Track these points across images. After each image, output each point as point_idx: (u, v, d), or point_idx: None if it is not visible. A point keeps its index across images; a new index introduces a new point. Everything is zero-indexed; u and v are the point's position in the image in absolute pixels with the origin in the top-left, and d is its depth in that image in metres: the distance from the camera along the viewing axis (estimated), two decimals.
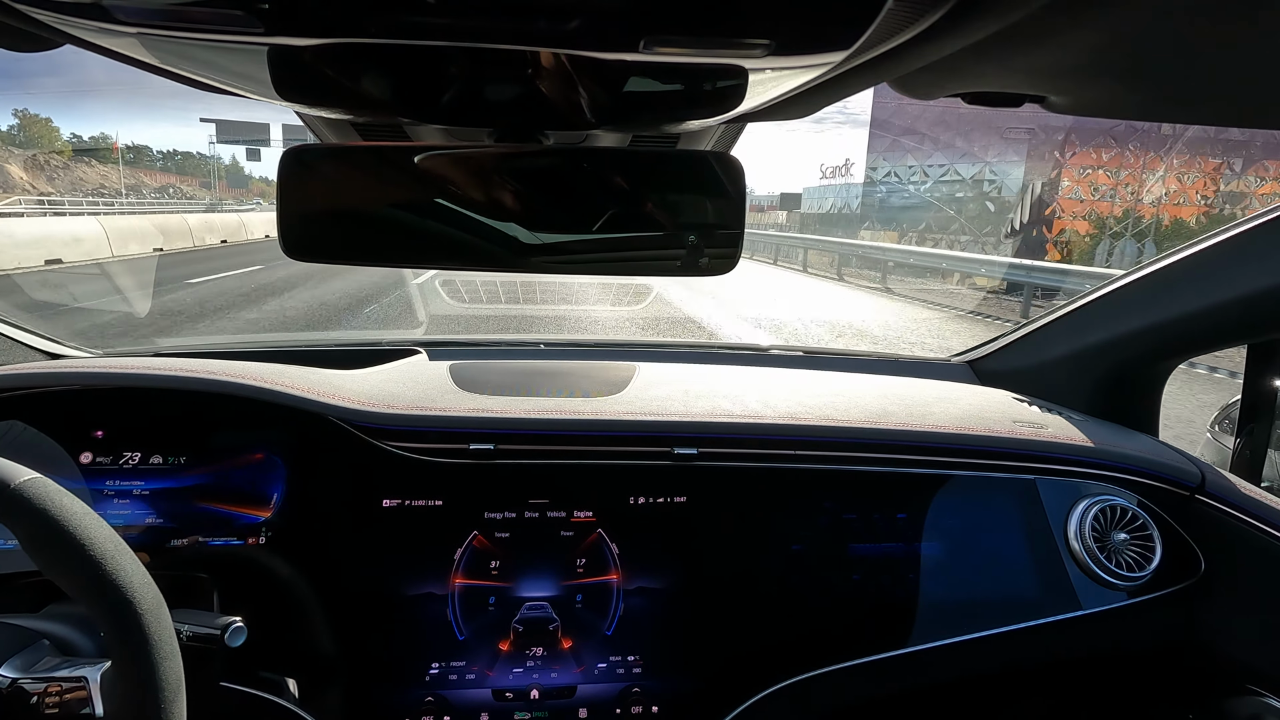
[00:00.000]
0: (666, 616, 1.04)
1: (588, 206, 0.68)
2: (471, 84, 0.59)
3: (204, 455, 1.02)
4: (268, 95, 0.61)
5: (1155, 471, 1.15)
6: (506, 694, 1.00)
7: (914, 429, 1.13)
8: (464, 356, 1.44)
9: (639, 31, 0.43)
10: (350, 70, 0.56)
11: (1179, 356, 1.30)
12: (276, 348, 1.46)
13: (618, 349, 1.60)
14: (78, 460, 0.99)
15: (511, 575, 1.02)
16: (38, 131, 66.70)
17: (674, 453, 1.06)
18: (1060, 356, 1.40)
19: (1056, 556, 1.11)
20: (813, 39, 0.44)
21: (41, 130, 67.15)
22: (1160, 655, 1.17)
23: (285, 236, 0.67)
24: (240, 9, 0.41)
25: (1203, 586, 1.12)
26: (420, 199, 0.67)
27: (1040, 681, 1.21)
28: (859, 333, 8.43)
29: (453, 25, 0.43)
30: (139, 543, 0.96)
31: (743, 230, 0.70)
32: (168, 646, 0.63)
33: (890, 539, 1.10)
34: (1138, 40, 0.46)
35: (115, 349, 1.42)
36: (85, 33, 0.47)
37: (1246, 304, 1.05)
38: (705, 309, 9.02)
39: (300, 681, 0.97)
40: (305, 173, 0.67)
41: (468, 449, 1.03)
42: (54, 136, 66.13)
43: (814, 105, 0.66)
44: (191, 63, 0.54)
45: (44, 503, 0.60)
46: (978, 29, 0.44)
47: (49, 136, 66.09)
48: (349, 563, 1.01)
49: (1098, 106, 0.62)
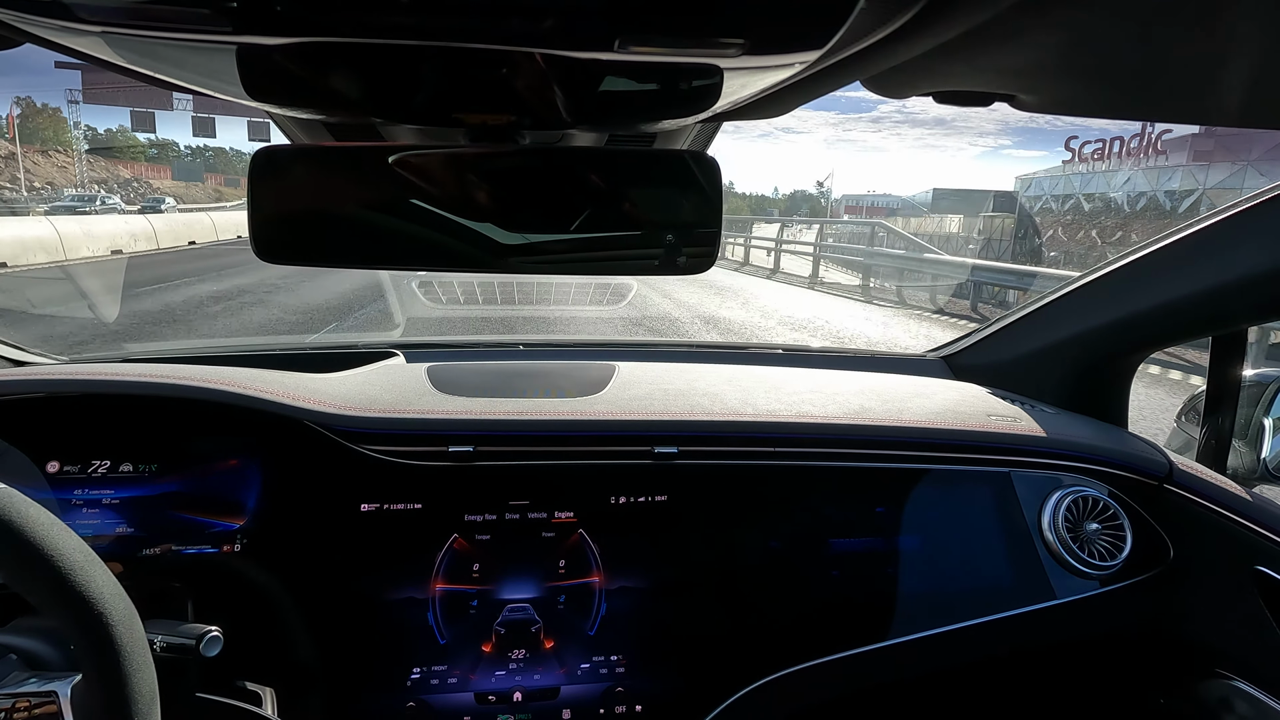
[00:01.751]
0: (649, 615, 1.04)
1: (564, 206, 0.68)
2: (445, 84, 0.58)
3: (176, 462, 1.00)
4: (237, 95, 0.60)
5: (1125, 462, 1.17)
6: (489, 697, 1.00)
7: (891, 424, 1.14)
8: (442, 358, 1.43)
9: (614, 31, 0.43)
10: (321, 70, 0.55)
11: (1146, 350, 1.33)
12: (250, 352, 1.43)
13: (596, 349, 1.60)
14: (44, 469, 0.97)
15: (493, 578, 1.02)
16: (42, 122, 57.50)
17: (654, 452, 1.06)
18: (1032, 351, 1.42)
19: (1031, 547, 1.13)
20: (786, 38, 0.45)
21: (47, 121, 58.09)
22: (1131, 641, 1.20)
23: (257, 238, 0.66)
24: (207, 7, 0.40)
25: (1171, 573, 1.15)
26: (395, 200, 0.66)
27: (1016, 670, 1.24)
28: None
29: (426, 24, 0.43)
30: (109, 553, 0.94)
31: (720, 228, 0.70)
32: (140, 658, 0.61)
33: (869, 534, 1.11)
34: (1103, 39, 0.47)
35: (82, 354, 1.39)
36: (47, 31, 0.46)
37: (1210, 298, 1.08)
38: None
39: (279, 691, 0.96)
40: (277, 173, 0.66)
41: (447, 451, 1.02)
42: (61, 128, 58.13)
43: (789, 104, 0.66)
44: (158, 62, 0.53)
45: (7, 513, 0.59)
46: (947, 29, 0.45)
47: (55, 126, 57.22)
48: (327, 569, 1.00)
49: (1065, 105, 0.64)
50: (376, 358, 1.40)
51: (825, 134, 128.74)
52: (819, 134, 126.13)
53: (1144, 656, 1.22)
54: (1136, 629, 1.17)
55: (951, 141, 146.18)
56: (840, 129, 68.19)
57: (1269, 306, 1.08)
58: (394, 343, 1.51)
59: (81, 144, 47.99)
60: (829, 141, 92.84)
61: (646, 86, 0.60)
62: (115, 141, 55.12)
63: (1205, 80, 0.55)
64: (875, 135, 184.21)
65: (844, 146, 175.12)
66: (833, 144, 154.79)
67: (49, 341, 6.34)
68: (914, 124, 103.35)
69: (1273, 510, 1.07)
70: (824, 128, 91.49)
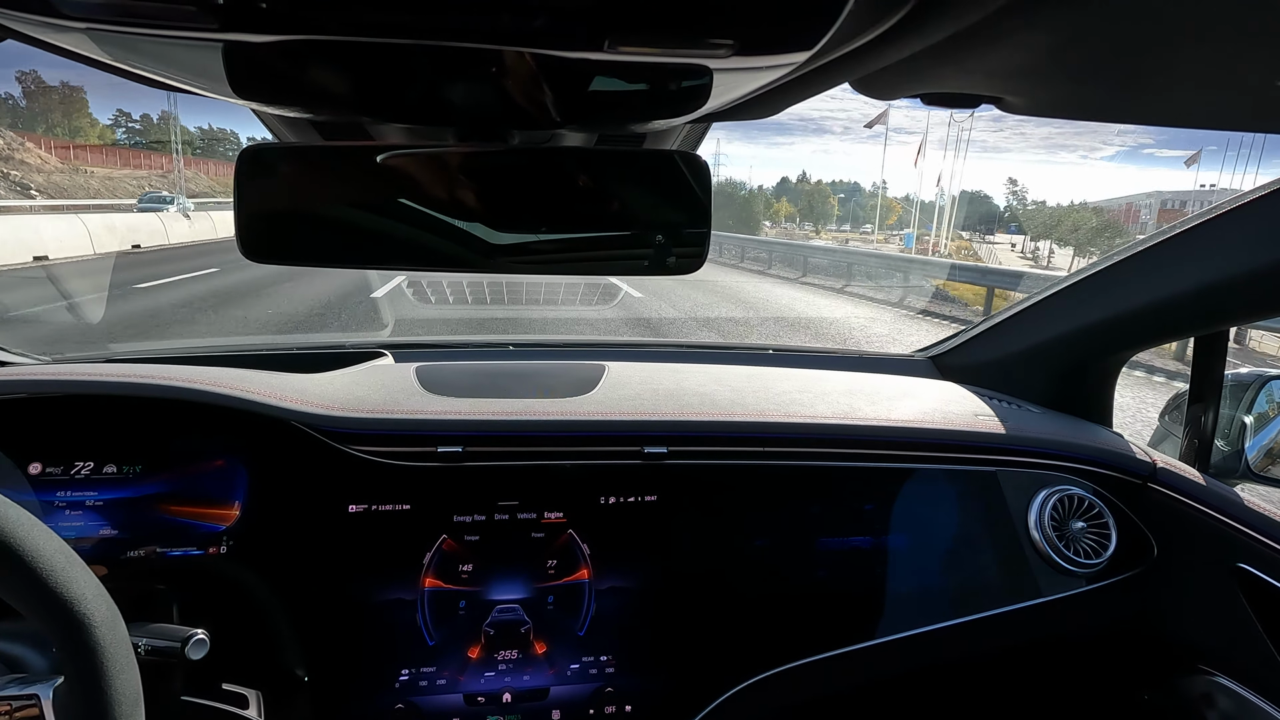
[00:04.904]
0: (638, 615, 1.04)
1: (554, 206, 0.68)
2: (434, 83, 0.58)
3: (161, 463, 0.99)
4: (224, 93, 0.59)
5: (1110, 461, 1.19)
6: (478, 698, 0.99)
7: (879, 424, 1.15)
8: (430, 358, 1.42)
9: (603, 31, 0.43)
10: (309, 68, 0.55)
11: (1130, 350, 1.35)
12: (236, 352, 1.42)
13: (586, 349, 1.59)
14: (26, 471, 0.95)
15: (482, 578, 1.02)
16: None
17: (644, 452, 1.06)
18: (1019, 351, 1.44)
19: (1017, 546, 1.14)
20: (775, 40, 0.45)
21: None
22: (1116, 638, 1.21)
23: (243, 238, 0.66)
24: (193, 4, 0.39)
25: (1155, 571, 1.16)
26: (382, 199, 0.66)
27: (1003, 667, 1.25)
28: None
29: (414, 23, 0.43)
30: (93, 555, 0.93)
31: (709, 228, 0.70)
32: (123, 661, 0.61)
33: (857, 533, 1.12)
34: (1089, 42, 0.48)
35: (65, 354, 1.37)
36: (29, 28, 0.45)
37: (1192, 299, 1.10)
38: None
39: (265, 693, 0.95)
40: (264, 172, 0.65)
41: (435, 452, 1.02)
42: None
43: (778, 105, 0.66)
44: (143, 59, 0.53)
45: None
46: (935, 31, 0.45)
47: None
48: (314, 570, 0.99)
49: (1051, 107, 0.64)
50: (364, 358, 1.39)
51: (938, 134, 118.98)
52: (933, 134, 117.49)
53: (1128, 653, 1.23)
54: (1121, 625, 1.18)
55: (1083, 141, 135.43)
56: (959, 127, 63.11)
57: (1250, 307, 1.09)
58: (382, 343, 1.50)
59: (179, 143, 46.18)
60: (940, 143, 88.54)
61: (636, 87, 0.60)
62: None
63: (1191, 83, 0.56)
64: (997, 135, 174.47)
65: (960, 146, 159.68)
66: (950, 144, 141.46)
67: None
68: (1039, 121, 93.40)
69: (1254, 508, 1.08)
70: (938, 127, 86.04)
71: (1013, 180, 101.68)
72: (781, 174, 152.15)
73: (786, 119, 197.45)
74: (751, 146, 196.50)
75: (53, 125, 51.14)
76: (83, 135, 50.35)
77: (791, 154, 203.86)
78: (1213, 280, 1.05)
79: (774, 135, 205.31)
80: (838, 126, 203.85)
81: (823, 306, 11.82)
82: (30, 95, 56.27)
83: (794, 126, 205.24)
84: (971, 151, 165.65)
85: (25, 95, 56.56)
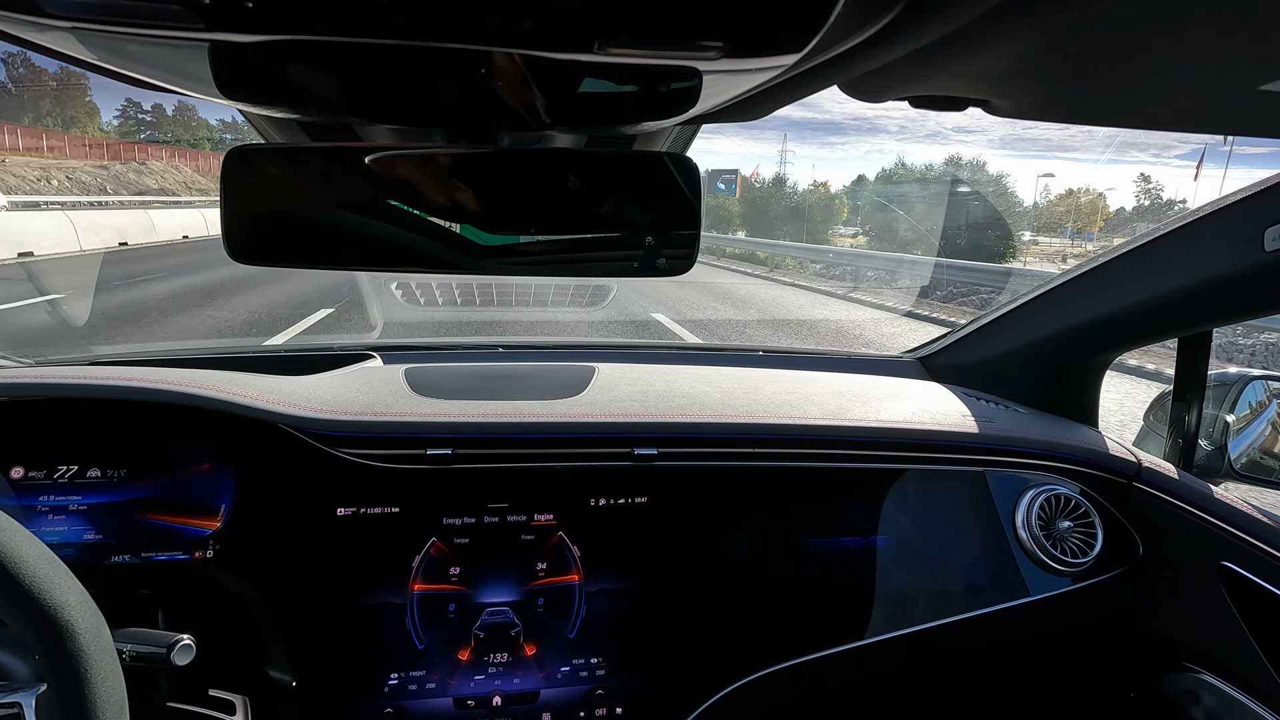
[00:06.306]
0: (629, 617, 1.04)
1: (543, 208, 0.68)
2: (423, 84, 0.58)
3: (146, 467, 0.97)
4: (210, 94, 0.59)
5: (1096, 461, 1.20)
6: (468, 702, 0.99)
7: (868, 425, 1.15)
8: (420, 360, 1.41)
9: (593, 32, 0.43)
10: (296, 68, 0.54)
11: (1115, 350, 1.36)
12: (223, 354, 1.41)
13: (576, 350, 1.59)
14: (8, 475, 0.94)
15: (472, 581, 1.01)
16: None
17: (634, 453, 1.06)
18: (1006, 352, 1.45)
19: (1005, 545, 1.15)
20: (765, 42, 0.45)
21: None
22: (1102, 636, 1.22)
23: (229, 238, 0.65)
24: (179, 4, 0.39)
25: (1141, 570, 1.17)
26: (371, 201, 0.66)
27: (991, 666, 1.26)
28: None
29: (403, 23, 0.43)
30: (77, 560, 0.92)
31: (699, 230, 0.70)
32: (108, 667, 0.60)
33: (846, 534, 1.12)
34: (1075, 46, 0.48)
35: (48, 357, 1.35)
36: (13, 27, 0.45)
37: (1176, 300, 1.11)
38: None
39: (253, 699, 0.94)
40: (251, 173, 0.65)
41: (424, 454, 1.01)
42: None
43: (768, 107, 0.67)
44: (128, 59, 0.52)
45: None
46: (923, 34, 0.45)
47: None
48: (302, 574, 0.98)
49: (1038, 110, 0.65)
50: (353, 360, 1.38)
51: (1001, 131, 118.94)
52: (994, 132, 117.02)
53: (1114, 651, 1.24)
54: (1107, 624, 1.19)
55: (1154, 139, 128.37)
56: (1019, 125, 59.88)
57: (1234, 309, 1.11)
58: (371, 344, 1.49)
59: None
60: (1002, 141, 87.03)
61: (625, 88, 0.60)
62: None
63: (1174, 87, 0.57)
64: (1059, 131, 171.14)
65: (1022, 145, 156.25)
66: (1009, 143, 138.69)
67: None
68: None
69: (1237, 507, 1.09)
70: (1000, 125, 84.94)
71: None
72: (857, 171, 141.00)
73: (841, 118, 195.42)
74: (805, 146, 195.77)
75: (42, 115, 48.74)
76: (78, 127, 48.07)
77: (845, 153, 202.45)
78: (1196, 281, 1.06)
79: (827, 135, 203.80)
80: (892, 125, 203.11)
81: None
82: (18, 81, 52.83)
83: (847, 126, 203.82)
84: (1035, 150, 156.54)
85: (13, 80, 52.98)
